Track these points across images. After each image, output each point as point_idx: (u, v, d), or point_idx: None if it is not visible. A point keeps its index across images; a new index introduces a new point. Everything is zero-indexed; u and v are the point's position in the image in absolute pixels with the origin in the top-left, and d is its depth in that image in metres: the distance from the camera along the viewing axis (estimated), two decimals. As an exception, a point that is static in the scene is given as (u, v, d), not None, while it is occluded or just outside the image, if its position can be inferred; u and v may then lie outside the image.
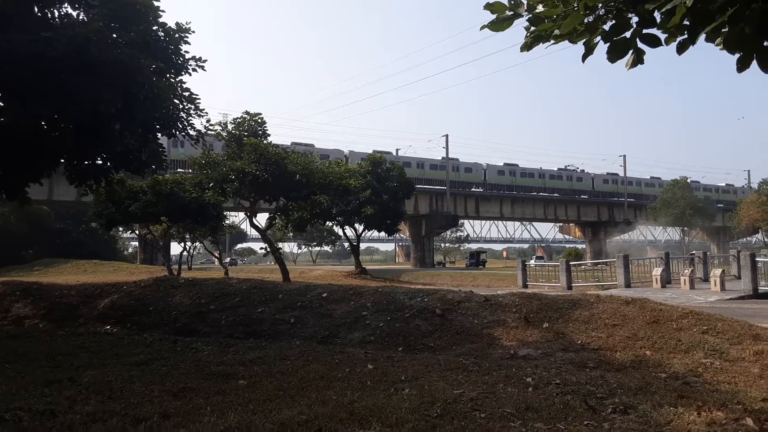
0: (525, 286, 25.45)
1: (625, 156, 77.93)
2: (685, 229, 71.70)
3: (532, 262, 37.28)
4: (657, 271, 21.54)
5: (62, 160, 12.51)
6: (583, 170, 77.49)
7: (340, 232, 47.16)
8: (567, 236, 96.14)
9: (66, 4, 11.12)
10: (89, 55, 9.41)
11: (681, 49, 3.60)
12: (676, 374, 6.87)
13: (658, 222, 70.77)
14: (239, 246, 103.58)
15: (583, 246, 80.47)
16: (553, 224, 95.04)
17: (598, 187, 76.30)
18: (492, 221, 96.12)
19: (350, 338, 10.26)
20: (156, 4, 11.76)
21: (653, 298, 11.54)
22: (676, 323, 9.02)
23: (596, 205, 75.84)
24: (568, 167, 76.89)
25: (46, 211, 51.15)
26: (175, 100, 12.50)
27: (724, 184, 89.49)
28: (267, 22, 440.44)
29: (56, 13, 11.03)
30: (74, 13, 11.29)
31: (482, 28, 3.87)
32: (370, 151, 53.13)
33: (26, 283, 16.98)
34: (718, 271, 19.82)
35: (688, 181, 69.90)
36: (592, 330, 9.15)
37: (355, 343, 9.95)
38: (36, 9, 10.49)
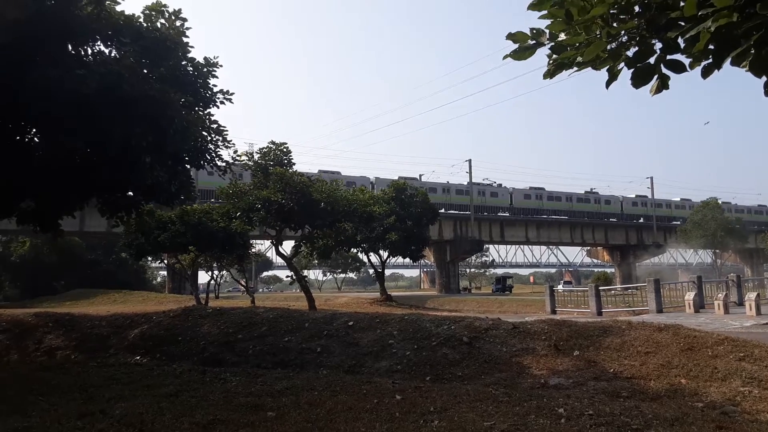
0: (553, 311, 25.05)
1: (652, 178, 76.68)
2: (717, 251, 70.11)
3: (560, 287, 36.77)
4: (690, 296, 21.04)
5: (94, 193, 12.81)
6: (500, 185, 70.31)
7: (365, 259, 47.05)
8: (595, 260, 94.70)
9: (99, 42, 11.49)
10: (121, 90, 9.67)
11: (706, 73, 3.57)
12: (714, 403, 6.68)
13: (689, 244, 69.29)
14: (265, 274, 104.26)
15: (612, 270, 79.24)
16: (580, 248, 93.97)
17: (518, 203, 69.56)
18: (517, 246, 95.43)
19: (377, 367, 10.19)
20: (185, 40, 12.07)
21: (687, 324, 11.28)
22: (711, 350, 8.79)
23: (624, 228, 74.72)
24: (484, 181, 69.74)
25: (77, 242, 52.19)
26: (204, 132, 12.74)
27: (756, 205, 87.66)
28: (280, 54, 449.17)
29: (89, 51, 11.40)
30: (107, 51, 11.64)
31: (505, 57, 3.89)
32: (396, 178, 52.59)
33: (58, 314, 17.27)
34: (753, 295, 19.26)
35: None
36: (624, 358, 8.96)
37: (382, 372, 9.88)
38: (70, 47, 10.87)
